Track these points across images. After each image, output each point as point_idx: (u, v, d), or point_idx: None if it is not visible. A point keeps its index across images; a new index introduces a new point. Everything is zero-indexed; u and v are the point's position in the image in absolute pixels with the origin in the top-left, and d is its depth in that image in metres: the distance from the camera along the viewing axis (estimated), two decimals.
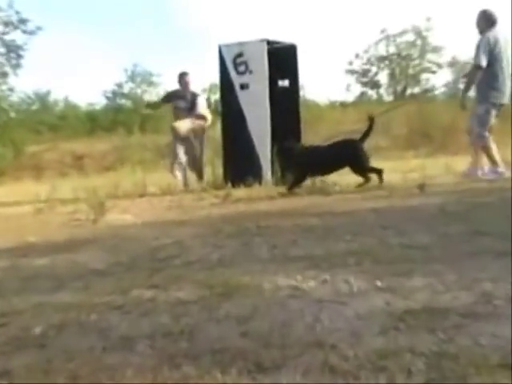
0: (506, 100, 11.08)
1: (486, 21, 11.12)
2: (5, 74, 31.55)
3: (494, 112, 11.04)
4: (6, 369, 3.04)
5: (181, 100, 14.27)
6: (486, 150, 11.09)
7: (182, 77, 14.43)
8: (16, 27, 31.12)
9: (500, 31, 11.01)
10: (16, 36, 31.28)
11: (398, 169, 12.32)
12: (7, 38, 31.30)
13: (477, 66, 10.95)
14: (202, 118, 14.03)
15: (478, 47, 10.96)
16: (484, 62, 10.82)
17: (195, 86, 13.31)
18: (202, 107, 14.37)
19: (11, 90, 32.44)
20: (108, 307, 4.02)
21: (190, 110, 14.10)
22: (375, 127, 11.10)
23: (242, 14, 65.01)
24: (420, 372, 2.59)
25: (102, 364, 2.98)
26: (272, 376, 2.66)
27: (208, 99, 40.24)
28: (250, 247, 5.80)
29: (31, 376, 2.90)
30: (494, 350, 2.80)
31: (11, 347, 3.39)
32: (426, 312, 3.39)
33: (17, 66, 31.44)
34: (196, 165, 14.19)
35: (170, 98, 14.89)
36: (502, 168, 11.01)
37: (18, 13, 31.04)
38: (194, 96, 14.37)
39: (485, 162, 11.23)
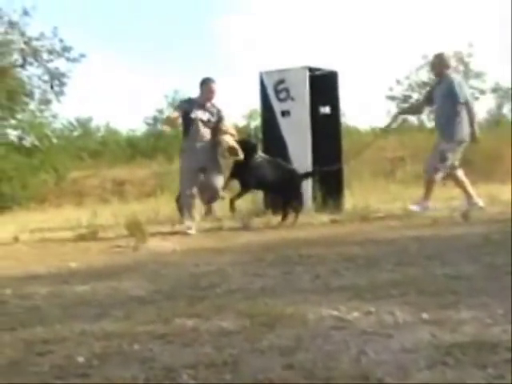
0: (467, 138, 11.16)
1: (446, 64, 11.39)
2: (48, 101, 31.77)
3: (459, 149, 11.19)
4: None
5: (200, 110, 11.01)
6: (460, 184, 11.41)
7: (207, 83, 11.10)
8: (60, 55, 31.36)
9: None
10: (59, 64, 31.57)
11: (441, 197, 12.24)
12: (51, 65, 31.60)
13: (465, 102, 11.09)
14: (233, 135, 11.54)
15: (460, 85, 11.22)
16: (466, 98, 11.15)
17: (236, 111, 12.58)
18: (229, 123, 12.43)
19: (54, 116, 32.63)
20: (150, 336, 4.02)
21: (217, 122, 11.13)
22: (417, 154, 11.18)
23: (285, 41, 65.08)
24: None
25: None
26: None
27: (248, 125, 40.43)
28: (291, 276, 5.78)
29: None
30: None
31: (54, 376, 3.39)
32: (475, 346, 3.34)
33: (60, 93, 31.66)
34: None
35: (186, 106, 11.24)
36: (477, 200, 11.08)
37: (61, 41, 31.26)
38: (216, 107, 11.23)
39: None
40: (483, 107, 46.91)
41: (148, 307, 4.90)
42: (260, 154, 11.13)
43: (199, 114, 10.64)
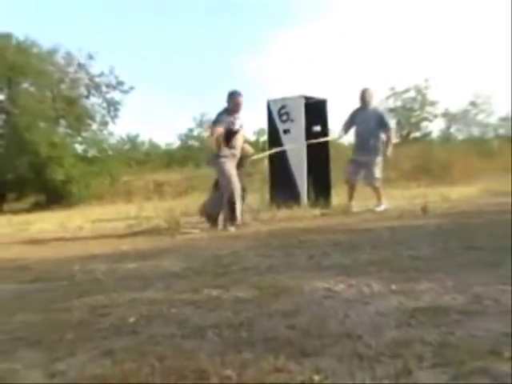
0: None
1: (371, 96, 11.24)
2: (106, 123, 32.06)
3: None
4: (110, 349, 3.05)
5: (236, 121, 9.70)
6: (378, 190, 11.19)
7: (235, 96, 9.71)
8: (115, 88, 31.65)
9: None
10: (114, 94, 31.82)
11: (404, 196, 12.24)
12: (108, 96, 31.85)
13: (391, 129, 11.38)
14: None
15: (384, 116, 11.40)
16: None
17: (249, 129, 12.28)
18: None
19: (110, 134, 32.94)
20: (184, 303, 4.02)
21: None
22: (387, 163, 11.17)
23: (287, 75, 65.04)
24: (428, 359, 2.55)
25: (181, 348, 2.97)
26: (313, 361, 2.64)
27: (257, 140, 40.39)
28: (291, 257, 5.76)
29: (128, 356, 2.89)
30: (485, 340, 2.75)
31: (112, 333, 3.40)
32: (431, 310, 3.34)
33: (115, 117, 31.92)
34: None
35: (227, 119, 9.58)
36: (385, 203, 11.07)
37: (116, 77, 31.59)
38: (240, 118, 9.88)
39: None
40: (436, 128, 47.08)
41: (182, 280, 4.89)
42: None
43: (237, 125, 9.66)
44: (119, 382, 2.59)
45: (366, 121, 11.04)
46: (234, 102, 9.64)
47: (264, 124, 13.86)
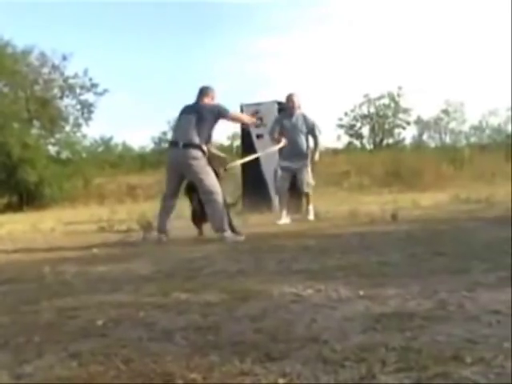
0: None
1: (298, 101, 10.88)
2: (79, 125, 31.95)
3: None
4: (77, 351, 3.04)
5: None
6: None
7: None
8: (89, 90, 31.55)
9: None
10: (88, 96, 31.72)
11: (376, 202, 12.31)
12: (82, 98, 31.74)
13: (318, 135, 10.91)
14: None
15: (312, 121, 10.83)
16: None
17: (222, 133, 12.07)
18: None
19: (84, 136, 32.84)
20: (152, 306, 4.02)
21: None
22: (360, 169, 11.14)
23: (260, 80, 65.16)
24: (392, 363, 2.58)
25: (148, 351, 2.98)
26: (279, 365, 2.65)
27: (231, 145, 40.39)
28: (261, 261, 5.78)
29: (95, 358, 2.90)
30: (448, 345, 2.79)
31: (80, 335, 3.39)
32: (397, 315, 3.37)
33: (88, 119, 31.82)
34: None
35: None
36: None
37: (90, 79, 31.50)
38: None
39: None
40: (409, 135, 47.57)
41: (151, 283, 4.89)
42: None
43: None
44: None
45: (294, 126, 10.77)
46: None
47: (238, 129, 13.90)
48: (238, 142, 35.20)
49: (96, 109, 31.81)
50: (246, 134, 13.19)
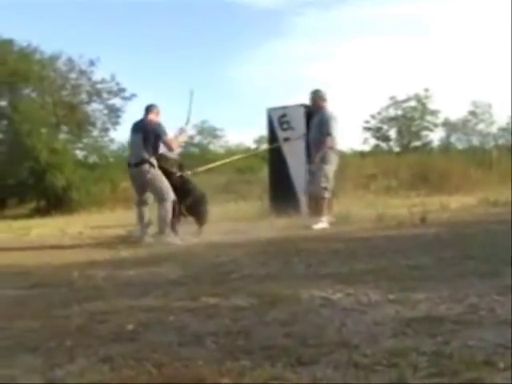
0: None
1: (322, 99, 10.59)
2: (107, 129, 32.10)
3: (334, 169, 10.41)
4: (108, 356, 3.06)
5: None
6: (329, 201, 10.40)
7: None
8: (116, 94, 31.68)
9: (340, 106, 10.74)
10: (116, 101, 31.87)
11: (404, 205, 12.22)
12: (110, 102, 31.90)
13: (331, 135, 10.22)
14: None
15: (328, 120, 10.26)
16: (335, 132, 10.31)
17: (250, 136, 11.68)
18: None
19: (111, 140, 32.93)
20: (182, 310, 4.04)
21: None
22: (387, 171, 10.97)
23: (288, 83, 65.10)
24: (423, 368, 2.57)
25: (179, 355, 2.99)
26: (309, 370, 2.65)
27: (257, 148, 40.46)
28: (290, 265, 5.78)
29: (126, 363, 2.91)
30: (479, 350, 2.77)
31: (110, 339, 3.41)
32: (427, 320, 3.36)
33: (116, 123, 31.94)
34: None
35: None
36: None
37: (118, 84, 31.62)
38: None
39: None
40: (436, 137, 47.26)
41: (180, 288, 4.91)
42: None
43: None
44: None
45: (314, 126, 10.58)
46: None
47: (264, 132, 13.87)
48: (264, 146, 35.36)
49: (123, 113, 31.99)
50: (273, 137, 13.19)
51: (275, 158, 13.12)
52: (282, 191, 12.58)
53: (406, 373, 2.52)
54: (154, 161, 9.18)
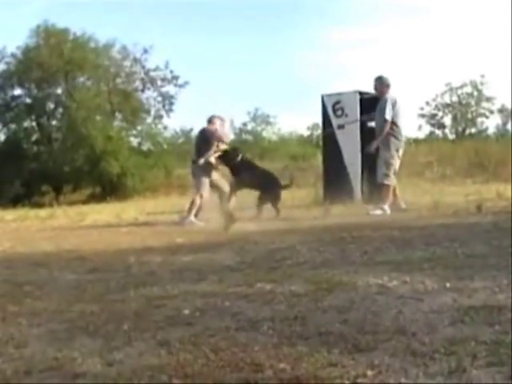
0: (402, 146, 10.48)
1: (385, 85, 10.47)
2: (160, 116, 32.39)
3: (397, 157, 10.31)
4: (165, 340, 3.11)
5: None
6: (393, 189, 10.28)
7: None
8: (169, 82, 31.90)
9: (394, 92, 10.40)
10: (169, 88, 32.08)
11: (460, 192, 12.08)
12: (163, 90, 32.12)
13: (387, 121, 10.11)
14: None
15: (386, 106, 10.17)
16: (390, 117, 10.09)
17: (303, 124, 11.22)
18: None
19: (165, 128, 33.30)
20: (238, 296, 4.07)
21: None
22: (442, 159, 10.81)
23: (340, 70, 64.66)
24: (482, 357, 2.55)
25: (235, 340, 3.02)
26: (367, 356, 2.65)
27: (311, 135, 40.34)
28: (345, 252, 5.77)
29: (183, 347, 2.95)
30: None
31: (167, 324, 3.46)
32: (486, 308, 3.33)
33: (169, 111, 32.19)
34: None
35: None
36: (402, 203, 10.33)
37: (171, 71, 31.83)
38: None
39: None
40: (492, 124, 46.59)
41: (236, 274, 4.95)
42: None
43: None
44: (175, 372, 2.64)
45: (377, 112, 10.52)
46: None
47: (318, 119, 13.82)
48: (318, 133, 35.24)
49: (177, 100, 32.20)
50: (327, 124, 13.13)
51: (329, 145, 13.06)
52: (336, 178, 12.52)
53: (464, 361, 2.51)
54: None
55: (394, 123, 10.23)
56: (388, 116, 10.13)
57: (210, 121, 10.64)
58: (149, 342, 3.13)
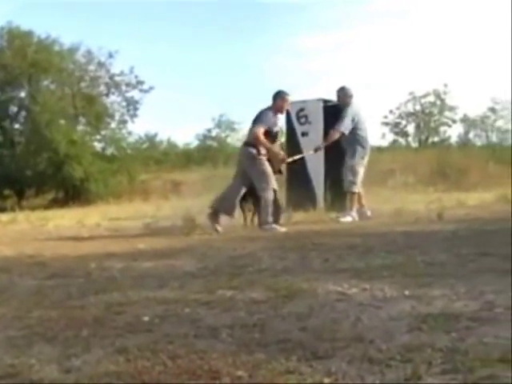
0: (368, 153, 10.67)
1: (348, 96, 10.62)
2: (125, 122, 32.29)
3: (363, 163, 10.55)
4: (124, 346, 3.09)
5: (275, 123, 9.71)
6: (358, 195, 10.49)
7: (284, 96, 9.75)
8: (134, 87, 31.81)
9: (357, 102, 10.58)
10: (134, 93, 31.99)
11: (422, 200, 12.21)
12: (128, 95, 32.03)
13: (339, 131, 10.41)
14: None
15: (344, 117, 10.40)
16: (348, 130, 10.35)
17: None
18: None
19: (129, 133, 33.15)
20: (198, 303, 4.06)
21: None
22: (405, 167, 10.93)
23: (306, 77, 64.97)
24: (438, 364, 2.57)
25: (194, 347, 3.01)
26: (324, 364, 2.67)
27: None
28: (306, 260, 5.79)
29: (142, 354, 2.94)
30: (495, 347, 2.77)
31: (126, 330, 3.44)
32: (443, 316, 3.36)
33: (134, 116, 32.11)
34: None
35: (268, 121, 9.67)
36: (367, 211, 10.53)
37: (136, 76, 31.76)
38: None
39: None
40: (454, 133, 47.21)
41: (197, 280, 4.94)
42: None
43: (278, 126, 9.72)
44: (132, 380, 2.63)
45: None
46: (282, 102, 9.61)
47: (283, 127, 13.85)
48: (282, 140, 35.29)
49: (141, 105, 32.11)
50: (290, 131, 13.17)
51: (293, 153, 13.08)
52: (299, 185, 12.56)
53: (420, 369, 2.53)
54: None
55: (358, 132, 10.40)
56: (343, 128, 10.31)
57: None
58: (107, 348, 3.11)
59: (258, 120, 9.28)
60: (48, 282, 5.27)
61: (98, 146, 31.89)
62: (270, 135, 9.24)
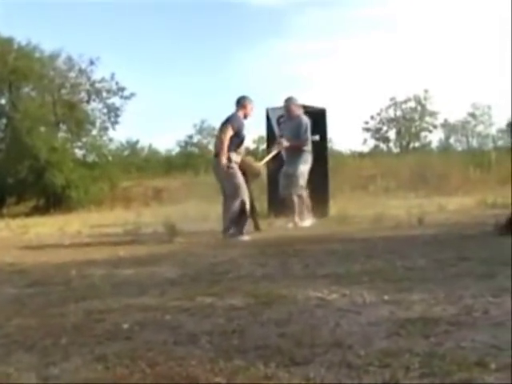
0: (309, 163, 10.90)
1: (297, 105, 10.96)
2: (106, 128, 32.22)
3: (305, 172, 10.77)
4: (103, 354, 3.08)
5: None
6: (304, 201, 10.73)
7: (248, 101, 9.50)
8: (115, 94, 31.76)
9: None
10: (115, 100, 31.95)
11: (402, 206, 12.25)
12: (109, 101, 31.97)
13: (307, 139, 10.84)
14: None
15: (301, 127, 10.75)
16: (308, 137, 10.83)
17: (248, 137, 10.77)
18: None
19: (110, 140, 33.08)
20: (178, 309, 4.06)
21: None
22: (386, 172, 11.02)
23: (287, 83, 65.08)
24: (416, 369, 2.59)
25: (173, 354, 3.01)
26: (303, 369, 2.67)
27: (257, 148, 40.45)
28: (286, 266, 5.80)
29: (120, 361, 2.93)
30: (472, 351, 2.79)
31: (106, 338, 3.43)
32: (422, 321, 3.38)
33: (115, 122, 32.06)
34: None
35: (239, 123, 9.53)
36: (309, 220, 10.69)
37: (117, 83, 31.71)
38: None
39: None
40: (435, 138, 47.52)
41: (177, 287, 4.93)
42: None
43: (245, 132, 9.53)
44: None
45: (289, 130, 10.96)
46: (247, 108, 9.48)
47: (263, 132, 13.87)
48: (263, 146, 35.32)
49: (122, 112, 32.06)
50: (271, 137, 13.17)
51: (273, 158, 13.10)
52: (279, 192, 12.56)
53: (398, 373, 2.54)
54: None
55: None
56: (307, 135, 10.74)
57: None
58: (86, 356, 3.10)
59: (226, 122, 9.20)
60: (28, 290, 5.24)
61: (79, 153, 31.79)
62: (238, 137, 9.17)
